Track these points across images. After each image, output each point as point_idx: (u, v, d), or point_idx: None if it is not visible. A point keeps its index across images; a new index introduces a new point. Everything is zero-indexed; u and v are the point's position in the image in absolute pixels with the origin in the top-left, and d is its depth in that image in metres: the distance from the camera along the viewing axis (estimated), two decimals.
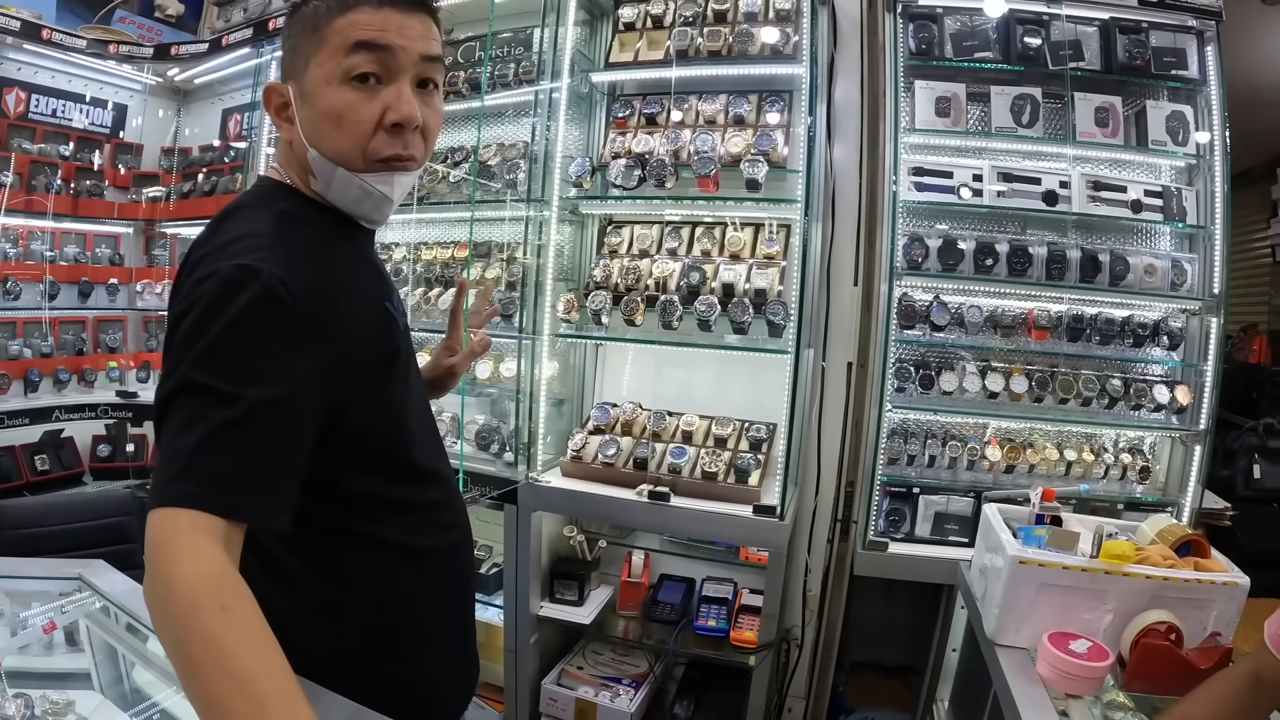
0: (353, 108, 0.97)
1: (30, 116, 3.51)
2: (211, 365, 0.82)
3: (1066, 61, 2.49)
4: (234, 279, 0.85)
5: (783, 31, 2.41)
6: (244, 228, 0.96)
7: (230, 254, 0.89)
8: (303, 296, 0.89)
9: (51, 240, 3.55)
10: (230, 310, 0.83)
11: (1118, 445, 2.59)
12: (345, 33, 0.96)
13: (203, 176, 3.60)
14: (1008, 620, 1.60)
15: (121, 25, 3.74)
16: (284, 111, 1.03)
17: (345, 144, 0.99)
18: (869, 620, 2.70)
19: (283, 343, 0.87)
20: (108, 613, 1.47)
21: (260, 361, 0.84)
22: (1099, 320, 2.50)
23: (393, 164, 1.01)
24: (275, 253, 0.90)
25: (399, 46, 0.97)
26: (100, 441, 3.67)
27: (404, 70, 0.99)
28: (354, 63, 0.96)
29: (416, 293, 2.67)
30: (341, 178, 1.01)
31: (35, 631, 1.41)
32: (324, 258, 0.99)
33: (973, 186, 2.50)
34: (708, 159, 2.34)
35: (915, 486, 2.53)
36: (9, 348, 3.41)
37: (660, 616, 2.53)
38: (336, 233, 1.06)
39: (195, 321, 0.84)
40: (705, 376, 2.67)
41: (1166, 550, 1.62)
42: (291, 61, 1.02)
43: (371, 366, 1.03)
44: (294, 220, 1.00)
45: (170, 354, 0.87)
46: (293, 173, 1.06)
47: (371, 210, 1.07)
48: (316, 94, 0.98)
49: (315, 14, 0.98)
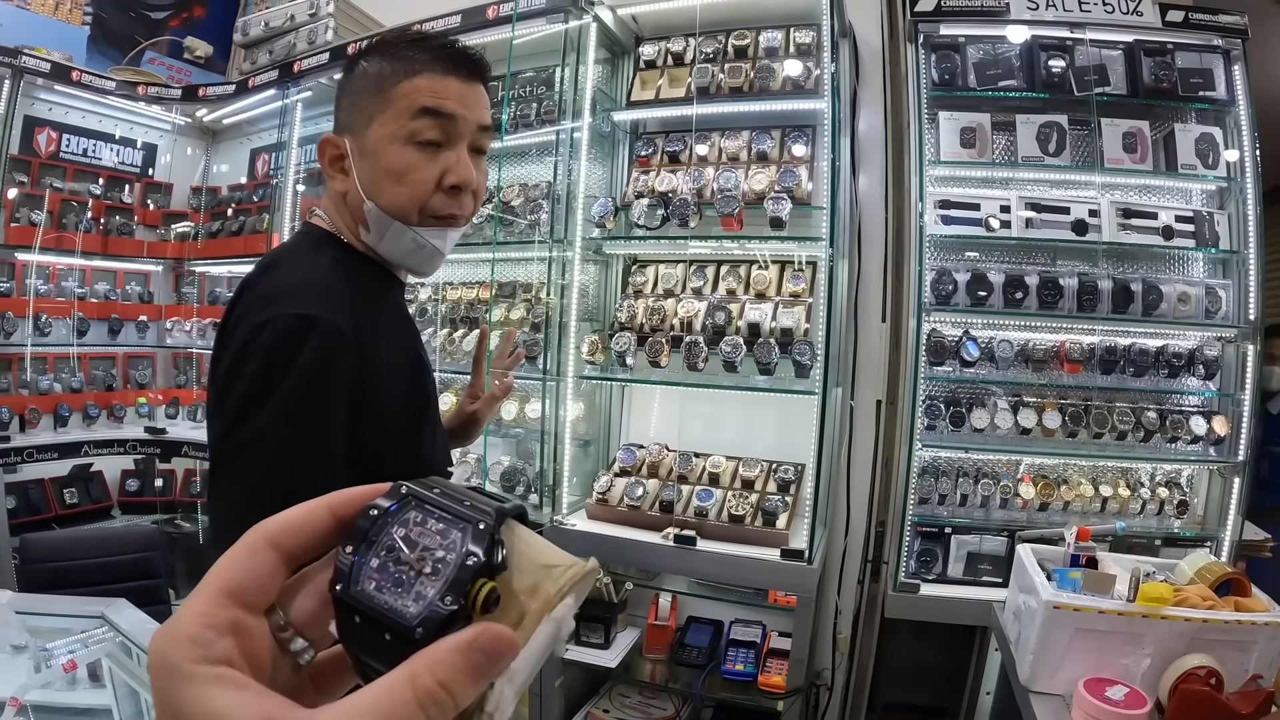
0: (415, 167, 1.02)
1: (61, 155, 3.58)
2: (282, 419, 0.89)
3: (1092, 87, 2.45)
4: (295, 329, 0.91)
5: (804, 66, 2.40)
6: (298, 275, 1.00)
7: (286, 301, 0.93)
8: (356, 344, 0.95)
9: (82, 277, 3.61)
10: (296, 360, 0.90)
11: (1154, 479, 2.53)
12: (411, 97, 1.01)
13: (231, 215, 3.64)
14: (1042, 666, 1.56)
15: (151, 67, 3.82)
16: (339, 163, 1.07)
17: (404, 200, 1.03)
18: (900, 662, 2.64)
19: (337, 390, 0.93)
20: (129, 651, 1.47)
21: (322, 412, 0.91)
22: (1132, 351, 2.44)
23: (446, 221, 1.07)
24: (331, 300, 0.95)
25: (461, 116, 1.03)
26: (129, 476, 3.70)
27: (463, 137, 1.04)
28: (419, 127, 1.01)
29: (442, 334, 2.67)
30: (396, 230, 1.05)
31: (58, 669, 1.42)
32: (369, 307, 1.03)
33: (1000, 218, 2.46)
34: (731, 197, 2.32)
35: (947, 526, 2.47)
36: (39, 382, 3.46)
37: (687, 660, 2.48)
38: (379, 285, 1.10)
39: (260, 371, 0.90)
40: (732, 416, 2.64)
41: (1206, 590, 1.57)
42: (350, 117, 1.06)
43: (405, 416, 1.07)
44: (344, 270, 1.04)
45: (229, 394, 0.92)
46: (341, 222, 1.09)
47: (423, 262, 1.10)
48: (379, 151, 1.02)
49: (380, 74, 1.03)
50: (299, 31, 3.20)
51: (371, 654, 0.32)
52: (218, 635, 0.31)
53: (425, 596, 0.31)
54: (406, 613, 0.31)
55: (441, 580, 0.31)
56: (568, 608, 0.34)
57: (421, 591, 0.31)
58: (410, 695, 0.29)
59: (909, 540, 2.42)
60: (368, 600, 0.31)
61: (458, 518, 0.33)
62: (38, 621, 1.51)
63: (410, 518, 0.33)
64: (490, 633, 0.31)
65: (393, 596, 0.31)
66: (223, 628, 0.31)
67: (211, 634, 0.31)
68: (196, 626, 0.31)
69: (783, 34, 2.50)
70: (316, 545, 0.35)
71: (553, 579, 0.34)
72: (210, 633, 0.31)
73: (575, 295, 2.42)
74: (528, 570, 0.34)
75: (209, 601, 0.32)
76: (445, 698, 0.29)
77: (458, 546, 0.32)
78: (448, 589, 0.31)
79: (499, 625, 0.31)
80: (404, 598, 0.31)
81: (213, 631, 0.31)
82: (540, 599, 0.34)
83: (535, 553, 0.35)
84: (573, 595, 0.35)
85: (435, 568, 0.32)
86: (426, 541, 0.32)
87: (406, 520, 0.33)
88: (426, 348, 1.20)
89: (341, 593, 0.32)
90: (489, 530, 0.32)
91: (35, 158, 3.48)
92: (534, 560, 0.35)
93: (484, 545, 0.32)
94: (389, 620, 0.31)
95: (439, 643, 0.30)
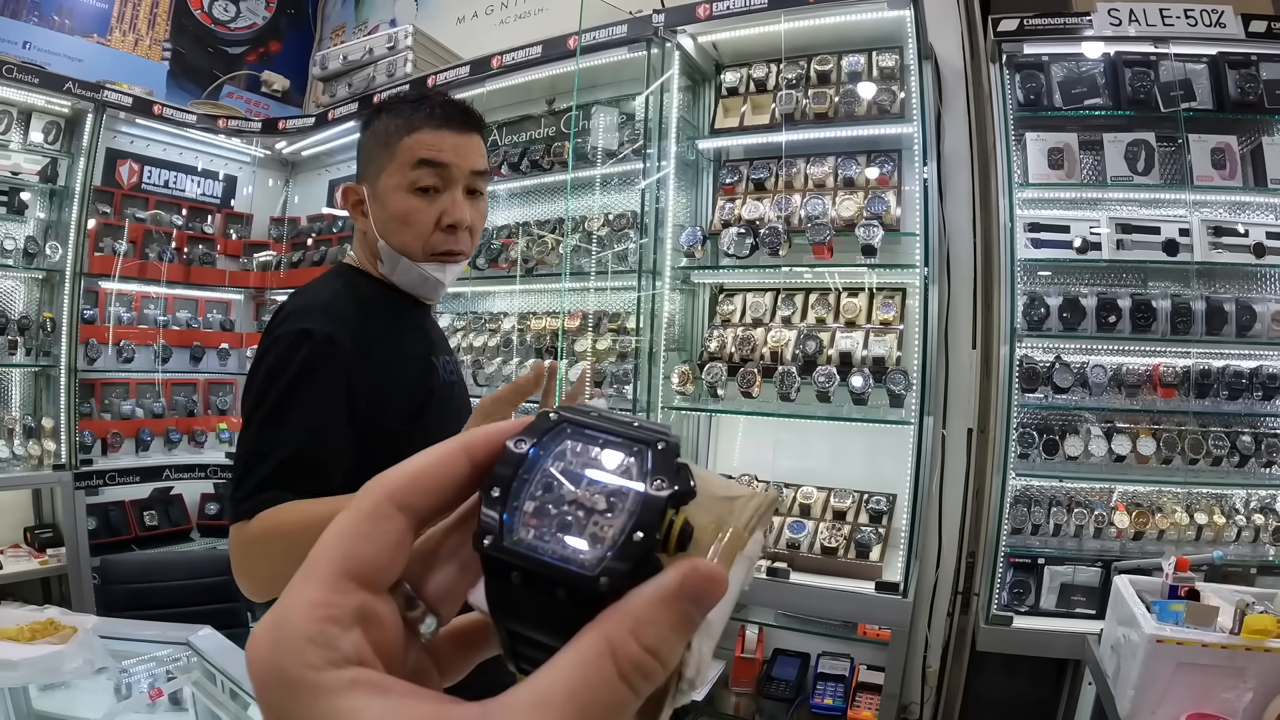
0: (416, 211, 1.20)
1: (143, 187, 3.71)
2: (284, 408, 1.09)
3: (1178, 102, 2.39)
4: (294, 340, 1.11)
5: (888, 90, 2.38)
6: (305, 299, 1.21)
7: (293, 320, 1.15)
8: (350, 349, 1.13)
9: (165, 305, 3.71)
10: (293, 364, 1.10)
11: (1249, 505, 2.44)
12: (411, 150, 1.19)
13: (311, 245, 3.73)
14: (1144, 702, 1.52)
15: (229, 101, 3.95)
16: (359, 207, 1.26)
17: (409, 239, 1.21)
18: (989, 696, 2.57)
19: (331, 383, 1.12)
20: (213, 679, 1.48)
21: (312, 401, 1.10)
22: (1226, 373, 2.36)
23: (444, 258, 1.24)
24: (326, 316, 1.15)
25: (454, 164, 1.20)
26: (208, 500, 3.78)
27: (457, 181, 1.21)
28: (417, 175, 1.19)
29: (527, 364, 2.69)
30: (405, 265, 1.23)
31: (142, 697, 1.44)
32: (371, 321, 1.21)
33: (1091, 240, 2.41)
34: (821, 225, 2.30)
35: (1040, 556, 2.41)
36: (121, 407, 3.56)
37: (774, 694, 2.44)
38: (391, 303, 1.28)
39: (266, 374, 1.12)
40: (822, 445, 2.61)
41: None
42: (365, 168, 1.26)
43: (405, 406, 1.22)
44: (353, 293, 1.23)
45: (249, 393, 1.13)
46: (364, 256, 1.29)
47: (428, 292, 1.30)
48: (387, 199, 1.21)
49: (387, 131, 1.22)
50: (378, 64, 3.27)
51: (534, 621, 0.26)
52: (343, 629, 0.25)
53: (603, 538, 0.25)
54: (583, 559, 0.24)
55: (623, 515, 0.25)
56: (758, 544, 0.29)
57: (598, 533, 0.25)
58: (612, 670, 0.23)
59: (1001, 571, 2.36)
60: (529, 551, 0.25)
61: (631, 440, 0.27)
62: (121, 646, 1.52)
63: (567, 448, 0.27)
64: (700, 573, 0.24)
65: (559, 545, 0.25)
66: (348, 619, 0.25)
67: (335, 629, 0.24)
68: (315, 622, 0.24)
69: (865, 58, 2.49)
70: (452, 501, 0.28)
71: (737, 511, 0.28)
72: (334, 627, 0.24)
73: (664, 325, 2.41)
74: (705, 504, 0.28)
75: (326, 587, 0.25)
76: (654, 665, 0.23)
77: (635, 473, 0.26)
78: (634, 525, 0.25)
79: (708, 562, 0.25)
80: (576, 542, 0.25)
81: (336, 626, 0.25)
82: (731, 535, 0.27)
83: (707, 484, 0.28)
84: (760, 529, 0.29)
85: (611, 502, 0.25)
86: (594, 474, 0.26)
87: (563, 452, 0.27)
88: (511, 378, 1.30)
89: (491, 547, 0.25)
90: (672, 450, 0.26)
91: (118, 189, 3.61)
92: (710, 492, 0.28)
93: (670, 469, 0.26)
94: (559, 573, 0.24)
95: (633, 596, 0.24)
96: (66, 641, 1.35)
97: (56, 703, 1.52)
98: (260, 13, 4.38)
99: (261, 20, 4.39)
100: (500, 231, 3.00)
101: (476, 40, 3.41)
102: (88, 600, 3.12)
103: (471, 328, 3.04)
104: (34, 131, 3.28)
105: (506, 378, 2.76)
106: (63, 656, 1.32)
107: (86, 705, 1.45)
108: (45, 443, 3.21)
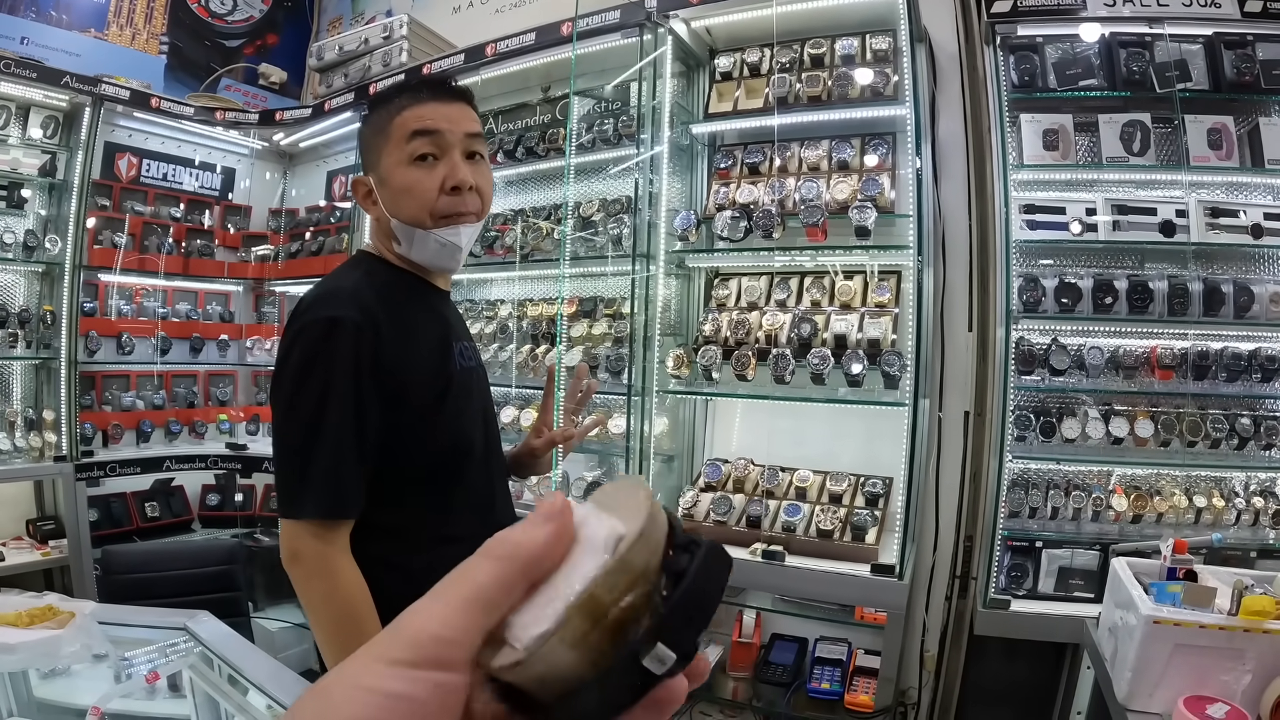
0: (419, 181, 1.24)
1: (142, 180, 3.71)
2: (307, 399, 1.16)
3: (1174, 83, 2.38)
4: (323, 327, 1.16)
5: (881, 72, 2.37)
6: (329, 286, 1.26)
7: (318, 307, 1.19)
8: (374, 333, 1.18)
9: (164, 298, 3.72)
10: (323, 349, 1.16)
11: (1248, 489, 2.43)
12: (403, 125, 1.25)
13: (309, 236, 3.73)
14: (1141, 684, 1.50)
15: (226, 93, 3.95)
16: (369, 197, 1.31)
17: (417, 209, 1.25)
18: (987, 680, 2.57)
19: (359, 367, 1.17)
20: (210, 664, 1.48)
21: (342, 385, 1.16)
22: (1225, 355, 2.35)
23: (455, 219, 1.27)
24: (352, 302, 1.19)
25: (446, 130, 1.25)
26: (209, 491, 3.80)
27: (453, 146, 1.26)
28: (414, 147, 1.24)
29: (524, 350, 2.69)
30: (419, 236, 1.26)
31: (139, 680, 1.44)
32: (393, 306, 1.25)
33: (1086, 221, 2.40)
34: (815, 207, 2.30)
35: (1038, 540, 2.40)
36: (122, 399, 3.57)
37: (771, 678, 2.45)
38: (410, 289, 1.32)
39: (299, 361, 1.17)
40: (818, 428, 2.60)
41: None
42: (368, 158, 1.32)
43: (429, 387, 1.27)
44: (373, 280, 1.27)
45: (280, 382, 1.20)
46: (381, 244, 1.34)
47: (447, 259, 1.31)
48: (391, 177, 1.26)
49: (379, 119, 1.29)
50: (373, 54, 3.27)
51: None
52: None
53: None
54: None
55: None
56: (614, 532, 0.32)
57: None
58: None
59: (999, 555, 2.35)
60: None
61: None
62: (119, 632, 1.52)
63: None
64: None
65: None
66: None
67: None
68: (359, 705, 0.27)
69: (858, 41, 2.47)
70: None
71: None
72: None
73: (659, 309, 2.41)
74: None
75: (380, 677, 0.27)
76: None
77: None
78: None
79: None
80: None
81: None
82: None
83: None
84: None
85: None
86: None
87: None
88: (509, 364, 1.32)
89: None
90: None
91: (116, 182, 3.61)
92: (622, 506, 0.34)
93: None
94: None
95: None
96: (64, 626, 1.35)
97: (57, 690, 1.52)
98: (257, 6, 4.38)
99: (258, 13, 4.40)
100: (496, 219, 3.00)
101: (473, 30, 3.40)
102: (89, 591, 3.13)
103: (469, 314, 3.04)
104: (32, 126, 3.29)
105: (503, 364, 2.77)
106: (60, 641, 1.33)
107: (87, 693, 1.44)
108: (46, 435, 3.23)
